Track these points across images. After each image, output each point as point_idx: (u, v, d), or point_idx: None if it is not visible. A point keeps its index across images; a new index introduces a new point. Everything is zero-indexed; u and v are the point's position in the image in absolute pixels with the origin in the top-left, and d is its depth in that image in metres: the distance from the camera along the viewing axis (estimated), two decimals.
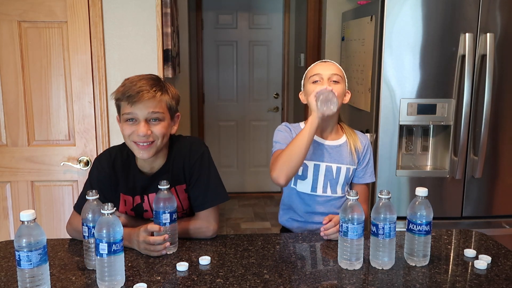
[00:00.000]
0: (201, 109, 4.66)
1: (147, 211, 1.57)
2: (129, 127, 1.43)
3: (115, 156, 1.58)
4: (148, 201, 1.56)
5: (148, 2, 2.28)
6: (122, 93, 1.42)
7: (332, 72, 1.67)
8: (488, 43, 2.30)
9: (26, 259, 1.11)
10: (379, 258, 1.33)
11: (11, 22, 2.20)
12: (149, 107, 1.41)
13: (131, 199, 1.57)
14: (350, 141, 1.74)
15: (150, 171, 1.56)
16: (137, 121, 1.42)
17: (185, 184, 1.56)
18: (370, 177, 1.77)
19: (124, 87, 1.42)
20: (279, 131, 1.75)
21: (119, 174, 1.56)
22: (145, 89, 1.39)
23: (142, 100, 1.39)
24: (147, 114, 1.41)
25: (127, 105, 1.41)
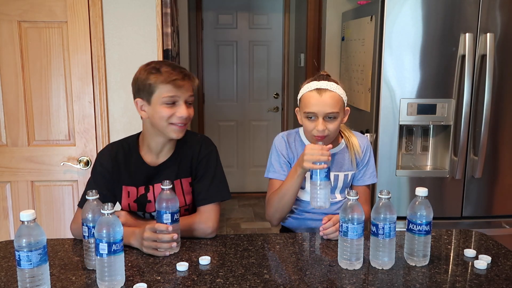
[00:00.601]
0: (201, 109, 4.66)
1: (150, 202, 1.58)
2: (168, 109, 1.48)
3: (116, 149, 1.61)
4: (153, 191, 1.58)
5: (148, 2, 2.28)
6: (165, 77, 1.45)
7: (328, 110, 1.57)
8: (488, 43, 2.30)
9: (26, 259, 1.11)
10: (379, 258, 1.33)
11: (11, 22, 2.20)
12: (189, 91, 1.50)
13: (134, 190, 1.58)
14: (349, 146, 1.72)
15: (155, 161, 1.58)
16: (176, 104, 1.48)
17: (190, 177, 1.59)
18: (370, 179, 1.75)
19: (164, 72, 1.45)
20: (274, 150, 1.74)
21: (121, 167, 1.58)
22: (186, 75, 1.48)
23: (185, 85, 1.47)
24: (187, 97, 1.50)
25: (172, 88, 1.46)
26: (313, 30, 3.55)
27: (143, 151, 1.59)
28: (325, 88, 1.59)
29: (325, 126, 1.58)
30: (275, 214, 1.70)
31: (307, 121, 1.62)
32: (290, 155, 1.72)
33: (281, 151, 1.72)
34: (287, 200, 1.65)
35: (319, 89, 1.59)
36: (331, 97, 1.58)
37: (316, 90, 1.60)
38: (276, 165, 1.73)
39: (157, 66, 1.49)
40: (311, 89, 1.61)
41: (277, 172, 1.72)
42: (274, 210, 1.69)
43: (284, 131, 1.80)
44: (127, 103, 2.35)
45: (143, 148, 1.60)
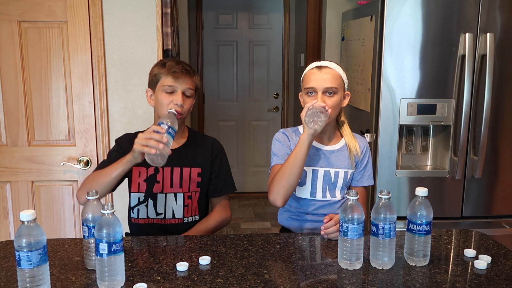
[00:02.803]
0: (201, 109, 4.66)
1: (158, 183, 1.72)
2: (167, 97, 1.67)
3: (134, 134, 1.75)
4: (162, 173, 1.72)
5: (148, 2, 2.28)
6: (167, 69, 1.66)
7: (327, 85, 1.62)
8: (488, 43, 2.30)
9: (26, 259, 1.11)
10: (379, 258, 1.33)
11: (11, 22, 2.20)
12: (187, 83, 1.67)
13: (145, 170, 1.72)
14: (349, 145, 1.73)
15: None
16: (175, 93, 1.66)
17: (200, 168, 1.76)
18: (367, 181, 1.76)
19: (170, 63, 1.68)
20: (276, 141, 1.76)
21: None
22: (189, 67, 1.69)
23: (182, 78, 1.65)
24: (185, 89, 1.67)
25: (171, 79, 1.66)
26: (313, 30, 3.55)
27: None
28: (325, 65, 1.67)
29: (324, 101, 1.61)
30: (280, 191, 1.59)
31: (307, 97, 1.66)
32: (292, 147, 1.72)
33: (284, 142, 1.74)
34: (293, 172, 1.57)
35: (319, 66, 1.67)
36: (330, 73, 1.65)
37: (316, 67, 1.68)
38: (280, 152, 1.72)
39: (165, 61, 1.72)
40: (311, 67, 1.69)
41: (281, 158, 1.69)
42: (278, 187, 1.59)
43: (284, 128, 1.81)
44: (127, 103, 2.35)
45: None
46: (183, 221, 1.76)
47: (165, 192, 1.73)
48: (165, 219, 1.75)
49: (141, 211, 1.75)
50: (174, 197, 1.74)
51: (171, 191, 1.74)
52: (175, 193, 1.74)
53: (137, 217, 1.76)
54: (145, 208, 1.74)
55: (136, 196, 1.74)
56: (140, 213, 1.75)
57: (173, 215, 1.75)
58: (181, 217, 1.75)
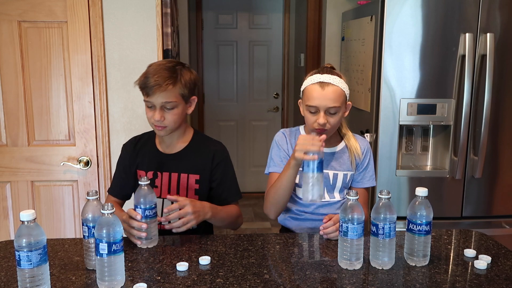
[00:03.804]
0: (201, 109, 4.66)
1: (156, 187, 1.71)
2: (149, 111, 1.63)
3: (140, 137, 1.81)
4: (161, 178, 1.71)
5: (148, 2, 2.28)
6: (141, 84, 1.61)
7: (329, 105, 1.58)
8: (488, 43, 2.30)
9: (26, 259, 1.11)
10: (379, 258, 1.33)
11: (11, 22, 2.20)
12: (162, 98, 1.59)
13: (144, 174, 1.70)
14: (349, 147, 1.72)
15: (167, 151, 1.73)
16: (154, 107, 1.61)
17: (198, 175, 1.70)
18: (369, 182, 1.75)
19: (144, 78, 1.61)
20: (274, 144, 1.75)
21: (139, 152, 1.76)
22: (158, 83, 1.57)
23: (156, 93, 1.58)
24: (161, 103, 1.59)
25: (145, 94, 1.61)
26: (313, 30, 3.55)
27: (158, 140, 1.76)
28: (327, 82, 1.59)
29: (326, 119, 1.59)
30: (272, 207, 1.70)
31: (309, 114, 1.63)
32: (290, 150, 1.72)
33: (282, 146, 1.73)
34: (282, 194, 1.64)
35: (321, 82, 1.60)
36: (333, 91, 1.59)
37: (318, 84, 1.60)
38: (277, 159, 1.73)
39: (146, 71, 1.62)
40: (314, 82, 1.62)
41: (277, 165, 1.72)
42: (270, 204, 1.69)
43: (286, 128, 1.81)
44: (127, 103, 2.35)
45: (158, 136, 1.75)
46: None
47: (163, 198, 1.70)
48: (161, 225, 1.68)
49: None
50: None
51: None
52: None
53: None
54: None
55: None
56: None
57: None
58: None
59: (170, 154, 1.72)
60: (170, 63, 1.65)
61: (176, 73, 1.61)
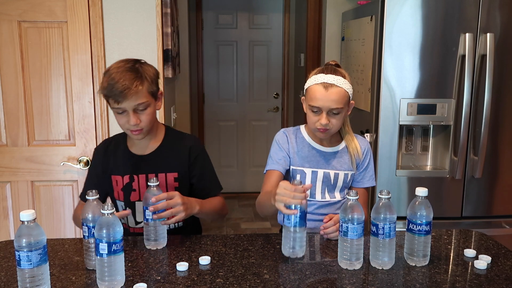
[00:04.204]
0: (201, 109, 4.66)
1: (135, 191, 1.66)
2: (121, 118, 1.57)
3: (110, 141, 1.75)
4: (138, 181, 1.66)
5: (148, 2, 2.28)
6: (107, 92, 1.52)
7: (333, 106, 1.57)
8: (488, 43, 2.30)
9: (26, 259, 1.11)
10: (379, 258, 1.33)
11: (11, 22, 2.20)
12: (134, 101, 1.52)
13: (121, 179, 1.67)
14: (349, 147, 1.72)
15: (141, 152, 1.68)
16: (126, 112, 1.54)
17: (177, 173, 1.66)
18: (369, 182, 1.75)
19: (107, 85, 1.51)
20: (274, 143, 1.75)
21: (111, 157, 1.70)
22: (127, 87, 1.49)
23: (127, 97, 1.50)
24: (134, 106, 1.53)
25: (114, 102, 1.52)
26: (313, 30, 3.55)
27: (130, 142, 1.70)
28: (331, 83, 1.58)
29: (329, 120, 1.59)
30: (261, 213, 1.75)
31: (311, 113, 1.63)
32: (291, 149, 1.72)
33: (282, 145, 1.73)
34: (267, 212, 1.66)
35: (325, 83, 1.58)
36: (337, 93, 1.58)
37: (322, 85, 1.58)
38: (275, 157, 1.72)
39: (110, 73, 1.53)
40: (317, 83, 1.60)
41: (275, 163, 1.71)
42: (259, 211, 1.74)
43: (286, 128, 1.80)
44: None
45: (129, 139, 1.70)
46: None
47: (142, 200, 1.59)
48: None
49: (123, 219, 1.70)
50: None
51: None
52: None
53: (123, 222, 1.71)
54: (125, 217, 1.69)
55: (119, 204, 1.70)
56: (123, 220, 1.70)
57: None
58: None
59: (145, 155, 1.67)
60: (128, 63, 1.57)
61: (139, 71, 1.55)
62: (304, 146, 1.72)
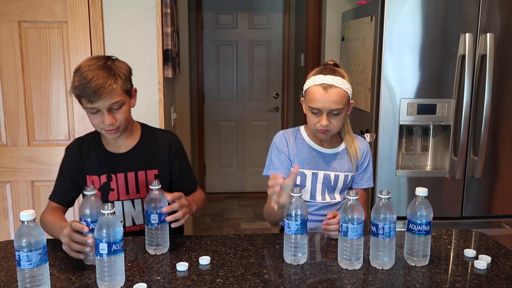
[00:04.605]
0: (201, 109, 4.66)
1: (113, 190, 1.63)
2: (95, 118, 1.51)
3: (83, 140, 1.68)
4: (116, 180, 1.62)
5: (148, 2, 2.28)
6: (80, 92, 1.46)
7: (332, 107, 1.57)
8: (488, 43, 2.30)
9: (26, 259, 1.11)
10: (379, 258, 1.33)
11: (11, 22, 2.20)
12: (108, 100, 1.47)
13: (97, 178, 1.62)
14: (349, 149, 1.72)
15: (117, 150, 1.64)
16: (100, 111, 1.49)
17: (157, 170, 1.64)
18: (367, 183, 1.75)
19: (79, 85, 1.45)
20: (273, 146, 1.75)
21: (85, 156, 1.64)
22: (101, 86, 1.44)
23: (101, 97, 1.45)
24: (108, 106, 1.48)
25: (87, 102, 1.47)
26: (313, 30, 3.55)
27: (105, 141, 1.65)
28: (330, 84, 1.57)
29: (329, 121, 1.59)
30: (269, 221, 1.78)
31: (311, 115, 1.62)
32: (291, 152, 1.72)
33: (282, 149, 1.72)
34: (275, 219, 1.72)
35: (324, 85, 1.58)
36: (336, 94, 1.57)
37: (321, 86, 1.58)
38: (276, 162, 1.72)
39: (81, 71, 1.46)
40: (316, 84, 1.59)
41: (277, 169, 1.71)
42: (267, 219, 1.77)
43: (286, 129, 1.80)
44: None
45: (104, 137, 1.64)
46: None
47: (121, 200, 1.63)
48: (125, 227, 1.65)
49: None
50: (131, 204, 1.64)
51: (128, 197, 1.64)
52: (132, 199, 1.64)
53: None
54: None
55: None
56: None
57: (133, 222, 1.66)
58: (142, 223, 1.65)
59: (122, 154, 1.63)
60: (99, 60, 1.50)
61: (112, 69, 1.49)
62: (304, 147, 1.72)
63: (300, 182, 1.70)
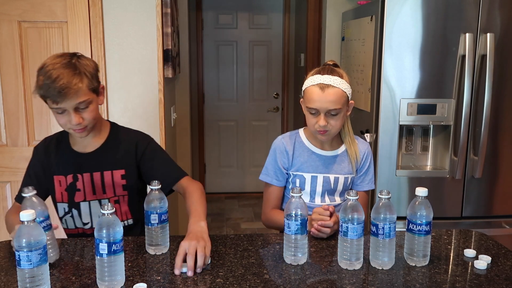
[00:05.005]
0: (201, 109, 4.66)
1: (79, 191, 1.59)
2: (61, 118, 1.48)
3: (50, 139, 1.65)
4: (82, 180, 1.59)
5: (148, 2, 2.28)
6: (44, 92, 1.42)
7: (330, 107, 1.56)
8: (488, 43, 2.30)
9: (26, 259, 1.11)
10: (379, 258, 1.33)
11: (11, 22, 2.20)
12: (74, 100, 1.43)
13: (64, 179, 1.60)
14: (349, 151, 1.71)
15: (84, 150, 1.61)
16: (67, 111, 1.46)
17: (124, 170, 1.60)
18: (368, 185, 1.75)
19: (44, 85, 1.41)
20: (272, 152, 1.74)
21: (52, 157, 1.61)
22: (66, 86, 1.40)
23: (67, 97, 1.42)
24: (75, 105, 1.45)
25: (52, 102, 1.43)
26: (313, 30, 3.55)
27: (72, 140, 1.62)
28: (328, 84, 1.56)
29: (327, 121, 1.58)
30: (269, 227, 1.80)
31: (310, 115, 1.62)
32: (289, 158, 1.71)
33: (278, 157, 1.71)
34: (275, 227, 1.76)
35: (322, 84, 1.57)
36: (334, 93, 1.56)
37: (319, 86, 1.57)
38: (270, 169, 1.73)
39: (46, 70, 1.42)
40: (314, 84, 1.59)
41: (269, 176, 1.73)
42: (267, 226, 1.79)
43: (285, 133, 1.78)
44: (127, 103, 2.35)
45: (72, 137, 1.61)
46: None
47: (88, 200, 1.60)
48: (93, 228, 1.61)
49: (68, 222, 1.65)
50: (98, 204, 1.60)
51: (94, 198, 1.60)
52: (99, 199, 1.60)
53: (67, 227, 1.66)
54: (71, 218, 1.63)
55: (62, 206, 1.63)
56: (68, 223, 1.65)
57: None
58: None
59: (89, 153, 1.60)
60: (64, 58, 1.45)
61: (77, 67, 1.45)
62: (303, 151, 1.71)
63: (299, 185, 1.70)
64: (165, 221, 1.43)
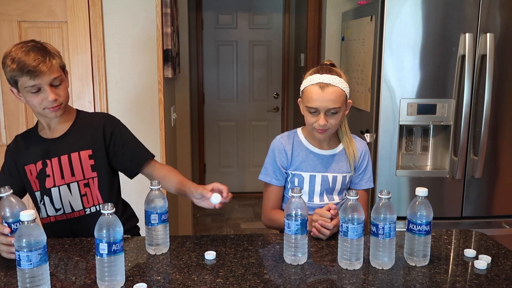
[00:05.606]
0: (201, 109, 4.66)
1: (49, 176, 1.59)
2: (36, 97, 1.50)
3: (21, 135, 1.67)
4: (51, 165, 1.59)
5: (148, 2, 2.28)
6: (19, 70, 1.45)
7: (330, 106, 1.56)
8: (488, 43, 2.30)
9: (26, 259, 1.11)
10: (379, 258, 1.33)
11: (11, 22, 2.20)
12: (49, 75, 1.48)
13: (34, 167, 1.60)
14: (347, 149, 1.71)
15: (52, 136, 1.62)
16: (42, 89, 1.49)
17: (91, 150, 1.61)
18: (367, 183, 1.75)
19: (17, 66, 1.44)
20: (270, 152, 1.74)
21: (21, 148, 1.63)
22: (41, 61, 1.45)
23: (42, 71, 1.45)
24: (50, 81, 1.49)
25: (29, 79, 1.46)
26: (313, 30, 3.55)
27: (40, 128, 1.64)
28: (327, 83, 1.57)
29: (327, 120, 1.59)
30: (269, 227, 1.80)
31: (309, 114, 1.62)
32: (288, 157, 1.71)
33: (277, 157, 1.72)
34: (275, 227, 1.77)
35: (321, 83, 1.57)
36: (333, 92, 1.57)
37: (318, 85, 1.57)
38: (269, 168, 1.73)
39: (14, 55, 1.46)
40: (313, 83, 1.59)
41: (268, 175, 1.73)
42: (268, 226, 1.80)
43: (283, 133, 1.79)
44: (127, 103, 2.35)
45: (40, 125, 1.64)
46: (85, 212, 1.62)
47: (57, 185, 1.59)
48: (66, 214, 1.62)
49: (41, 211, 1.64)
50: (68, 188, 1.60)
51: (63, 182, 1.59)
52: (68, 183, 1.60)
53: (41, 217, 1.66)
54: (44, 206, 1.62)
55: (37, 196, 1.63)
56: (41, 213, 1.65)
57: (72, 208, 1.61)
58: (81, 209, 1.61)
59: (56, 138, 1.61)
60: (27, 44, 1.49)
61: (44, 47, 1.50)
62: (302, 150, 1.71)
63: (298, 184, 1.70)
64: (165, 221, 1.43)
